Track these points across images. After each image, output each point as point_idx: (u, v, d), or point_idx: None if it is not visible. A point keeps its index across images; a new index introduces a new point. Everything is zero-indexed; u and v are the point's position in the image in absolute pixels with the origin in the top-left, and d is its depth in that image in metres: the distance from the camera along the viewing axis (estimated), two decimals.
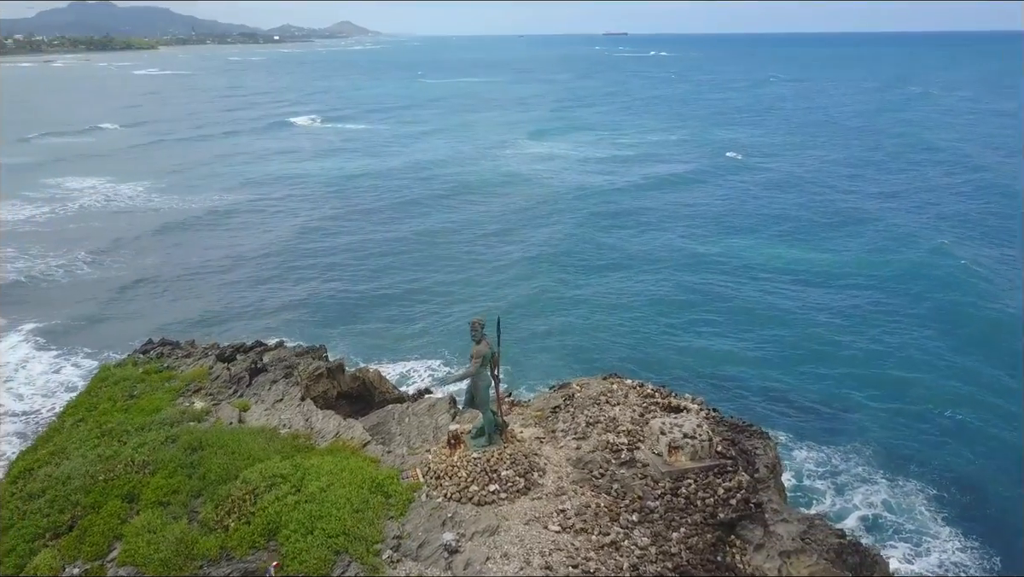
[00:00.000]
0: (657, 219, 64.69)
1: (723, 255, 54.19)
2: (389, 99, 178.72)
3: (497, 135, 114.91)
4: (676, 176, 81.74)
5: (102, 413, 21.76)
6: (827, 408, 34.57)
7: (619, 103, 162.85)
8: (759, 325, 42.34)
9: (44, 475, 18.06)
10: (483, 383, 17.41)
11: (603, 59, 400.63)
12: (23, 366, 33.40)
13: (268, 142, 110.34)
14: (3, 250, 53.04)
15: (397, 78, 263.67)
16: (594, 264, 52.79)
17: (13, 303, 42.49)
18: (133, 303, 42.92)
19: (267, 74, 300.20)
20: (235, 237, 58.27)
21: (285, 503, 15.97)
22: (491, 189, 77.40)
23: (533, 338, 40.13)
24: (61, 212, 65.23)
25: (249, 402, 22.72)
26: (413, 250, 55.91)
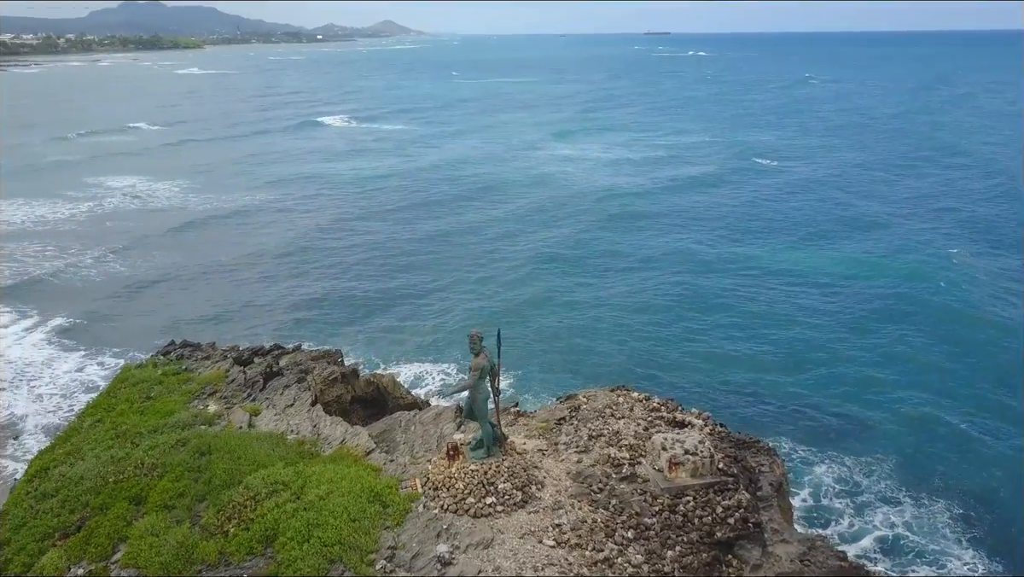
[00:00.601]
0: (677, 222, 64.66)
1: (742, 259, 53.86)
2: (421, 99, 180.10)
3: (525, 136, 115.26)
4: (698, 179, 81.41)
5: (119, 414, 22.39)
6: (847, 418, 34.05)
7: (650, 104, 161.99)
8: (776, 331, 41.94)
9: (58, 475, 18.69)
10: (481, 395, 17.54)
11: (640, 59, 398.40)
12: (50, 364, 34.53)
13: (298, 142, 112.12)
14: (42, 248, 54.82)
15: (432, 78, 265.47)
16: (612, 267, 52.90)
17: (44, 300, 43.89)
18: (160, 302, 44.00)
19: (304, 74, 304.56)
20: (262, 236, 59.38)
21: (284, 510, 16.27)
22: (515, 190, 77.88)
23: (547, 343, 40.23)
24: (98, 210, 67.13)
25: (260, 407, 23.18)
26: (435, 250, 56.48)
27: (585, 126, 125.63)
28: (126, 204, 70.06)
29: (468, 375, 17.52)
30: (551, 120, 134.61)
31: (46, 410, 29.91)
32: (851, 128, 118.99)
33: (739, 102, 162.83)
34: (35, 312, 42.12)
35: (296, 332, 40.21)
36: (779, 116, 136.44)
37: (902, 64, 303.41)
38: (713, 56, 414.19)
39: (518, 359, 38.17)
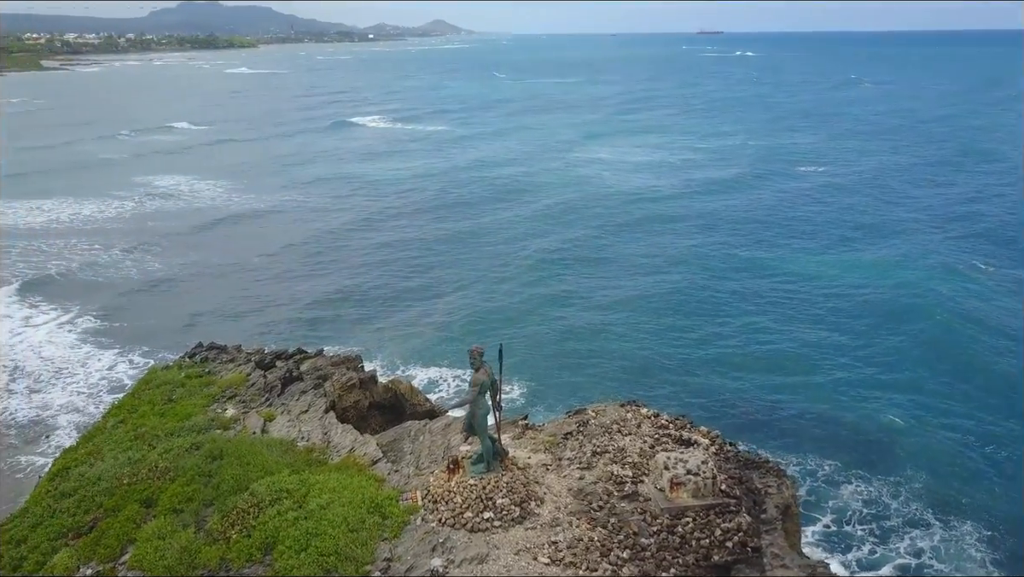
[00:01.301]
0: (705, 224, 65.10)
1: (768, 264, 53.73)
2: (461, 99, 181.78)
3: (560, 137, 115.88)
4: (727, 182, 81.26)
5: (140, 416, 23.16)
6: (876, 432, 33.37)
7: (688, 105, 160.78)
8: (803, 340, 41.32)
9: (78, 475, 19.45)
10: (481, 410, 17.71)
11: (687, 59, 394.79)
12: (84, 362, 35.84)
13: (336, 142, 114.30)
14: (89, 247, 56.83)
15: (474, 78, 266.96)
16: (638, 270, 52.86)
17: (83, 298, 45.50)
18: (193, 302, 45.25)
19: (349, 73, 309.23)
20: (297, 236, 60.63)
21: (285, 518, 16.66)
22: (545, 191, 78.85)
23: (567, 347, 40.28)
24: (142, 209, 69.26)
25: (275, 412, 23.72)
26: (462, 252, 57.17)
27: (620, 128, 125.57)
28: (169, 204, 72.10)
29: (468, 390, 17.74)
30: (587, 121, 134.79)
31: (76, 408, 31.09)
32: (892, 131, 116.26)
33: (779, 104, 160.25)
34: (74, 309, 43.64)
35: (322, 332, 41.03)
36: (818, 119, 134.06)
37: (951, 64, 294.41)
38: (760, 56, 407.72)
39: (536, 365, 38.36)
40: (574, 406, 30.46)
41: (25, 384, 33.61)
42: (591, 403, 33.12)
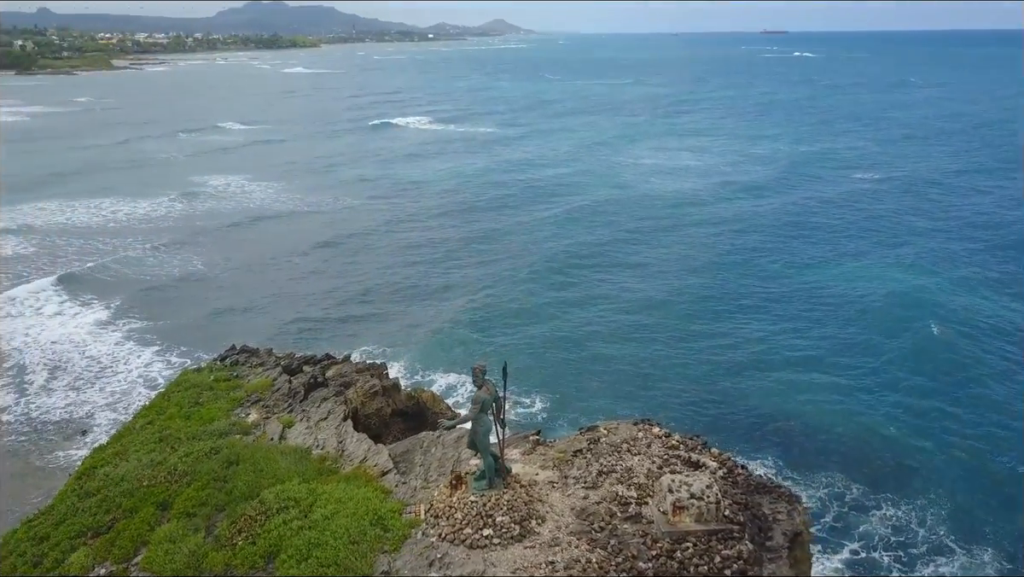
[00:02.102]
0: (735, 231, 64.31)
1: (800, 273, 52.40)
2: (507, 100, 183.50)
3: (599, 139, 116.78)
4: (763, 186, 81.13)
5: (167, 418, 24.04)
6: (904, 456, 32.44)
7: (735, 107, 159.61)
8: (834, 355, 40.30)
9: (103, 474, 20.34)
10: (482, 428, 17.92)
11: (745, 60, 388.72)
12: (125, 361, 37.23)
13: (382, 143, 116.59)
14: (140, 246, 59.00)
15: (526, 78, 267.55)
16: (663, 274, 52.34)
17: (129, 297, 47.12)
18: (234, 303, 46.42)
19: (403, 73, 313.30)
20: (336, 237, 61.78)
21: (290, 527, 17.14)
22: (579, 194, 79.26)
23: (590, 356, 40.08)
24: (192, 210, 71.51)
25: (294, 418, 24.33)
26: (492, 254, 57.73)
27: (663, 130, 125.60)
28: (220, 204, 74.22)
29: (470, 407, 17.99)
30: (630, 123, 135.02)
31: (113, 407, 32.40)
32: (935, 136, 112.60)
33: (828, 107, 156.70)
34: (120, 307, 45.22)
35: (352, 334, 41.80)
36: (866, 122, 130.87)
37: (1011, 65, 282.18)
38: (819, 57, 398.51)
39: (561, 373, 38.29)
40: (598, 420, 30.57)
41: (67, 381, 35.11)
42: (605, 419, 33.21)
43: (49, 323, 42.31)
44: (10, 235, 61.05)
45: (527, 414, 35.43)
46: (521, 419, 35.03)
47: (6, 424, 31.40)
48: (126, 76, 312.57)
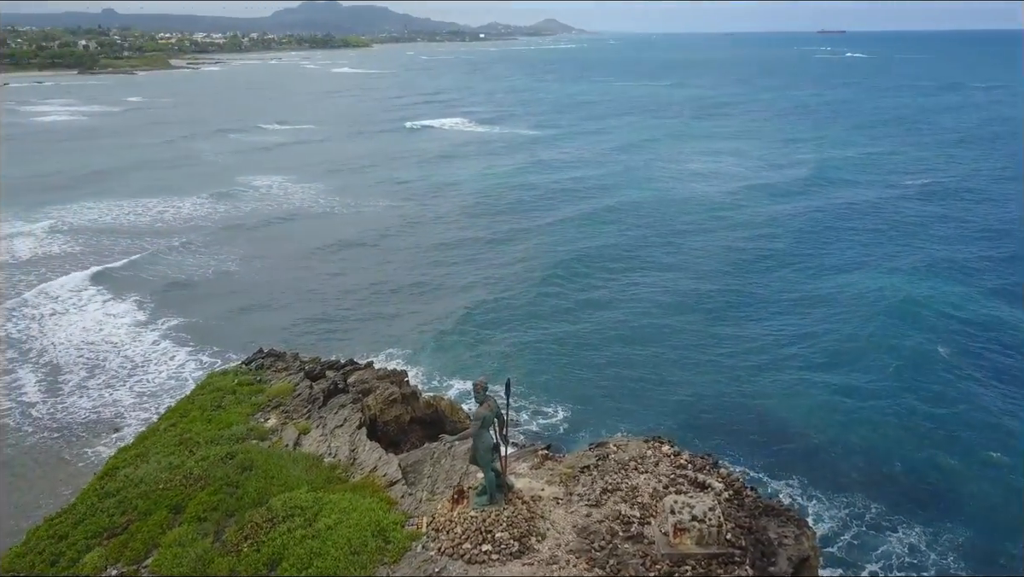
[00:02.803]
0: (754, 235, 63.36)
1: (821, 281, 51.33)
2: (545, 101, 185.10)
3: (628, 140, 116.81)
4: (788, 191, 79.81)
5: (190, 421, 24.78)
6: (927, 476, 31.59)
7: (774, 109, 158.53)
8: (859, 371, 39.34)
9: (123, 476, 21.10)
10: (483, 444, 18.09)
11: (795, 60, 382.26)
12: (160, 361, 38.32)
13: (416, 144, 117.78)
14: (182, 246, 60.75)
15: (569, 79, 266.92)
16: (688, 279, 51.90)
17: (169, 297, 48.46)
18: (267, 304, 47.27)
19: (447, 73, 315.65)
20: (369, 239, 62.55)
21: (293, 536, 17.55)
22: (607, 195, 79.29)
23: (614, 362, 39.81)
24: (235, 210, 73.23)
25: (310, 425, 24.86)
26: (518, 257, 57.72)
27: (698, 132, 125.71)
28: (262, 205, 75.84)
29: (471, 423, 18.19)
30: (667, 125, 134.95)
31: (143, 406, 33.51)
32: (971, 143, 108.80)
33: (869, 110, 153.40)
34: (158, 307, 46.48)
35: (380, 337, 42.22)
36: (907, 126, 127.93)
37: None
38: (871, 58, 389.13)
39: (585, 382, 38.12)
40: (620, 430, 30.56)
41: (102, 379, 36.33)
42: (626, 430, 33.09)
43: (88, 321, 43.83)
44: (58, 234, 63.41)
45: (548, 425, 35.41)
46: (543, 429, 35.01)
47: (42, 419, 32.74)
48: (181, 76, 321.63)
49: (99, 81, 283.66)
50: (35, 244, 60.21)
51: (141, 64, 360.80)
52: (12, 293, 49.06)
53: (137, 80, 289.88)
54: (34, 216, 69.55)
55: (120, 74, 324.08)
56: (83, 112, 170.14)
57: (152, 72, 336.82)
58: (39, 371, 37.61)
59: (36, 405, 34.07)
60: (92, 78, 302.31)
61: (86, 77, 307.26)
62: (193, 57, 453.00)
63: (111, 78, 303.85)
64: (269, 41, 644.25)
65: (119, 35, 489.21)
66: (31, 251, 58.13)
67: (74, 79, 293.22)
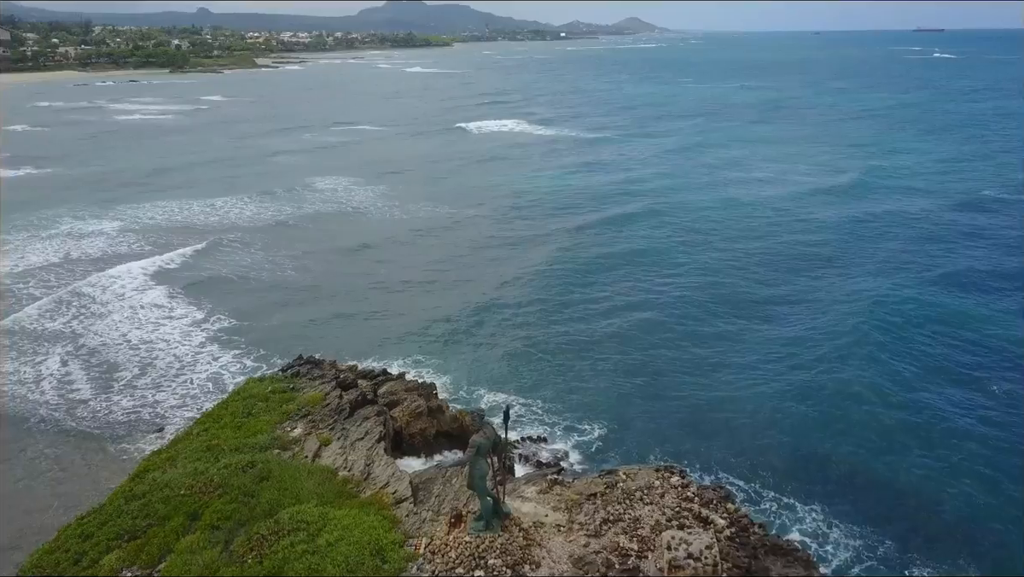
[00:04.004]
0: (799, 243, 62.09)
1: (867, 298, 49.07)
2: (607, 101, 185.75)
3: (678, 144, 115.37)
4: (833, 200, 77.10)
5: (220, 427, 25.87)
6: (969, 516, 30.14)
7: (836, 114, 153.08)
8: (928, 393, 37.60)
9: (151, 479, 22.30)
10: (478, 472, 18.38)
11: (878, 60, 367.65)
12: (208, 362, 39.89)
13: (471, 146, 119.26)
14: (242, 246, 63.15)
15: (641, 80, 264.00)
16: (729, 297, 50.61)
17: (223, 297, 50.17)
18: (316, 309, 48.31)
19: (517, 73, 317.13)
20: (421, 245, 63.20)
21: (295, 550, 18.19)
22: (643, 198, 78.49)
23: (660, 384, 39.18)
24: (297, 212, 75.63)
25: (332, 436, 25.66)
26: (568, 264, 57.46)
27: (749, 135, 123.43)
28: (325, 207, 77.97)
29: (467, 451, 18.53)
30: (719, 128, 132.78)
31: (185, 407, 35.17)
32: None
33: (931, 115, 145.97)
34: (213, 307, 48.13)
35: (418, 344, 42.77)
36: (960, 131, 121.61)
37: None
38: (960, 59, 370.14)
39: (627, 401, 37.56)
40: (653, 454, 30.24)
41: (151, 378, 38.20)
42: (662, 455, 32.71)
43: (145, 320, 46.07)
44: (129, 233, 66.65)
45: (581, 443, 34.92)
46: (575, 448, 34.56)
47: (90, 415, 34.74)
48: (264, 75, 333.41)
49: (187, 80, 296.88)
50: (105, 243, 63.42)
51: (228, 63, 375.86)
52: (77, 290, 51.72)
53: (221, 79, 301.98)
54: (107, 214, 73.28)
55: (208, 73, 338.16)
56: (166, 111, 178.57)
57: (237, 71, 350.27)
58: (93, 368, 39.85)
59: (88, 402, 36.14)
60: (181, 77, 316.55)
61: (176, 76, 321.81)
62: (279, 56, 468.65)
63: (199, 77, 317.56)
64: (353, 40, 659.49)
65: (210, 34, 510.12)
66: (101, 250, 61.21)
67: (165, 78, 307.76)
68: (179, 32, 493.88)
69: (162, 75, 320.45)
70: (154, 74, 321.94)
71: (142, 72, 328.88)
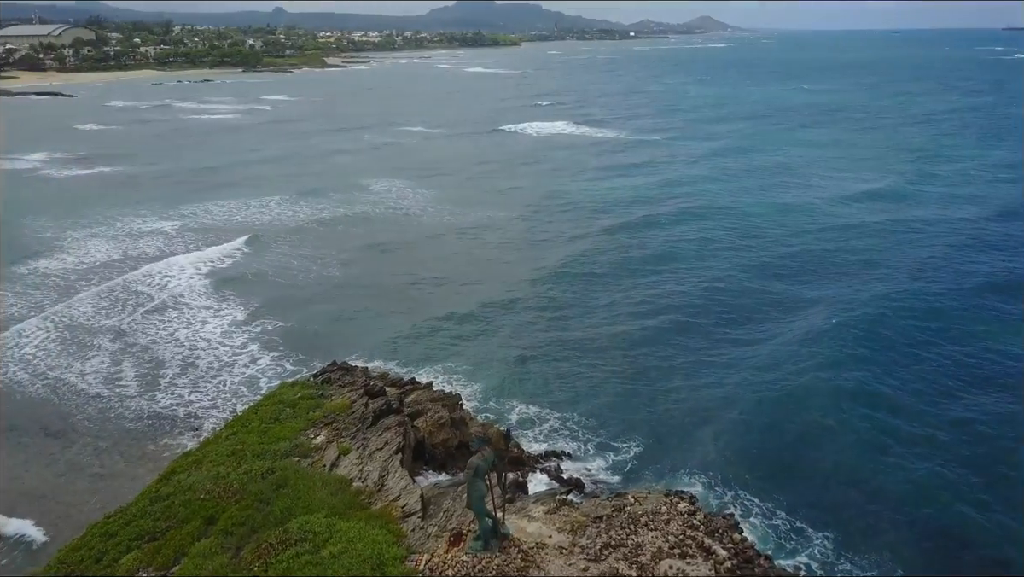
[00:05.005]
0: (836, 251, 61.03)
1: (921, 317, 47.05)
2: (662, 104, 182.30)
3: (727, 147, 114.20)
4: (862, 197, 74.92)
5: (248, 432, 26.87)
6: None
7: (887, 117, 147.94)
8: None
9: (176, 481, 23.35)
10: (476, 492, 18.68)
11: (951, 61, 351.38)
12: (248, 364, 41.21)
13: (515, 147, 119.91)
14: (291, 247, 64.85)
15: (700, 81, 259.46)
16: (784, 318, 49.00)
17: (269, 299, 51.34)
18: (359, 314, 48.98)
19: (578, 73, 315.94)
20: (472, 254, 63.77)
21: (299, 561, 18.76)
22: (671, 202, 77.81)
23: (704, 409, 38.06)
24: (349, 213, 76.98)
25: (351, 445, 26.32)
26: (600, 272, 57.15)
27: (797, 139, 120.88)
28: (376, 209, 79.41)
29: (464, 472, 18.85)
30: (769, 131, 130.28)
31: (220, 409, 36.45)
32: None
33: (992, 119, 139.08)
34: (259, 308, 49.42)
35: (455, 352, 43.06)
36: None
37: None
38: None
39: (664, 420, 36.72)
40: (680, 478, 29.81)
41: (191, 378, 39.71)
42: (689, 478, 32.17)
43: (193, 319, 47.95)
44: (188, 232, 69.14)
45: (617, 462, 33.68)
46: (607, 466, 33.46)
47: (133, 413, 36.38)
48: (331, 74, 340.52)
49: (256, 79, 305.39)
50: (163, 241, 65.91)
51: (299, 63, 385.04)
52: (131, 287, 53.97)
53: (289, 79, 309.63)
54: (168, 212, 75.99)
55: (278, 72, 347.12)
56: (233, 110, 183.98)
57: (307, 70, 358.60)
58: (141, 365, 41.56)
59: (132, 398, 37.73)
60: (252, 76, 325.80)
61: (247, 75, 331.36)
62: (348, 56, 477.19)
63: (270, 76, 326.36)
64: (422, 39, 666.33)
65: (284, 34, 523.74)
66: (158, 248, 63.53)
67: (237, 77, 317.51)
68: (254, 32, 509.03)
69: (235, 74, 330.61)
70: (227, 73, 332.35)
71: (216, 71, 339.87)
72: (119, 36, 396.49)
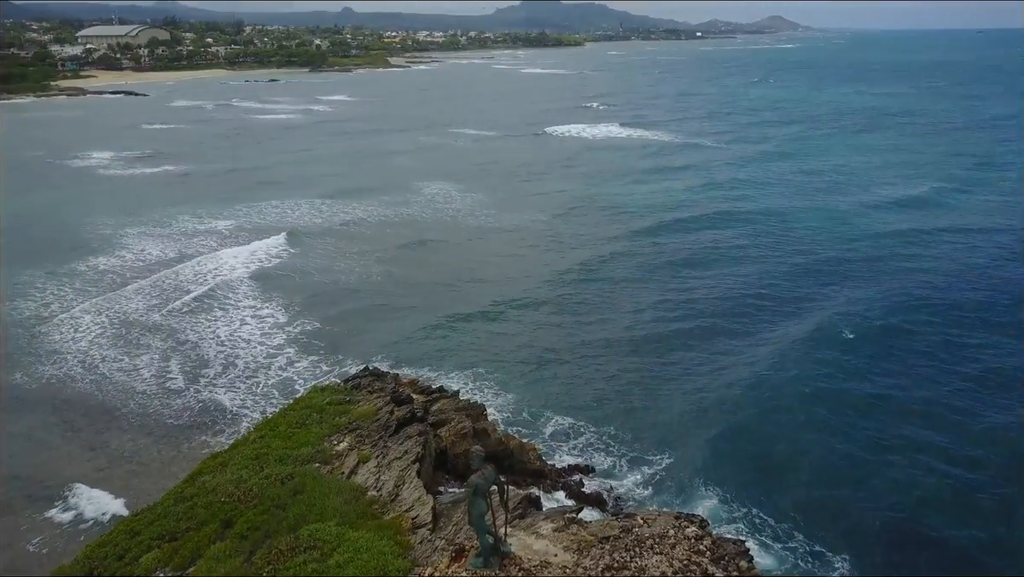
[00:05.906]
0: None
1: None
2: (714, 107, 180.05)
3: (770, 150, 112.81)
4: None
5: (274, 436, 27.72)
6: None
7: (942, 122, 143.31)
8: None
9: (201, 483, 24.25)
10: (476, 511, 18.83)
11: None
12: (285, 366, 42.46)
13: (563, 151, 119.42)
14: (337, 249, 66.19)
15: (758, 83, 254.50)
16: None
17: (309, 299, 52.46)
18: (401, 318, 49.87)
19: (633, 74, 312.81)
20: (512, 260, 63.90)
21: (305, 569, 19.37)
22: (706, 206, 77.57)
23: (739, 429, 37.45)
24: (400, 214, 78.34)
25: (371, 454, 26.87)
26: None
27: (842, 144, 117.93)
28: (424, 212, 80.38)
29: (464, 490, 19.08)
30: (816, 136, 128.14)
31: (256, 409, 37.56)
32: None
33: None
34: (301, 310, 50.49)
35: (489, 360, 43.39)
36: None
37: None
38: None
39: (696, 435, 36.39)
40: (700, 504, 29.51)
41: (229, 377, 41.11)
42: (710, 508, 31.75)
43: (238, 319, 49.72)
44: (242, 232, 71.28)
45: (648, 476, 33.45)
46: (638, 480, 33.12)
47: (172, 412, 37.86)
48: (393, 74, 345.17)
49: (321, 79, 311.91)
50: (217, 240, 68.17)
51: (363, 63, 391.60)
52: (182, 286, 55.95)
53: (352, 78, 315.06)
54: (223, 212, 78.42)
55: (342, 72, 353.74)
56: (295, 109, 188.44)
57: (370, 70, 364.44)
58: (185, 363, 43.11)
59: (173, 397, 39.22)
60: (317, 76, 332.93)
61: (313, 75, 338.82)
62: (411, 56, 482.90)
63: (334, 76, 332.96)
64: (485, 40, 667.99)
65: (350, 34, 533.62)
66: (211, 248, 65.72)
67: (303, 76, 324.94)
68: (321, 32, 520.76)
69: (301, 74, 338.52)
70: (293, 73, 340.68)
71: (283, 71, 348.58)
72: (192, 36, 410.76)
